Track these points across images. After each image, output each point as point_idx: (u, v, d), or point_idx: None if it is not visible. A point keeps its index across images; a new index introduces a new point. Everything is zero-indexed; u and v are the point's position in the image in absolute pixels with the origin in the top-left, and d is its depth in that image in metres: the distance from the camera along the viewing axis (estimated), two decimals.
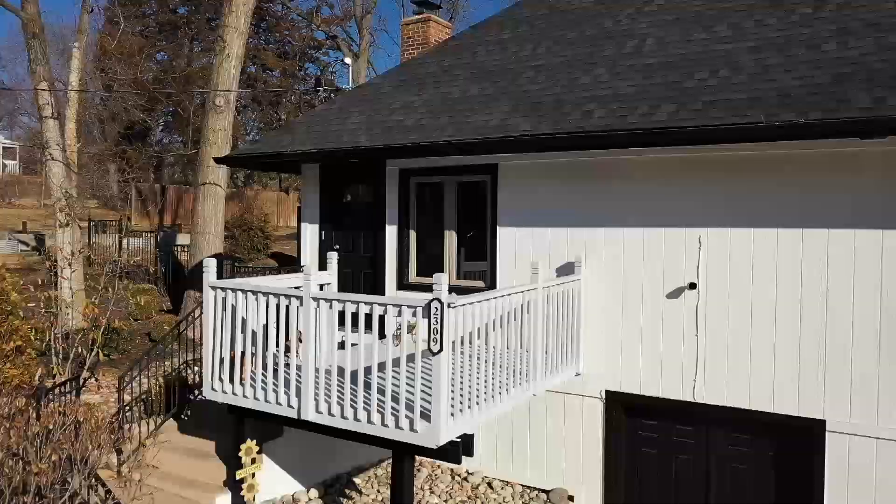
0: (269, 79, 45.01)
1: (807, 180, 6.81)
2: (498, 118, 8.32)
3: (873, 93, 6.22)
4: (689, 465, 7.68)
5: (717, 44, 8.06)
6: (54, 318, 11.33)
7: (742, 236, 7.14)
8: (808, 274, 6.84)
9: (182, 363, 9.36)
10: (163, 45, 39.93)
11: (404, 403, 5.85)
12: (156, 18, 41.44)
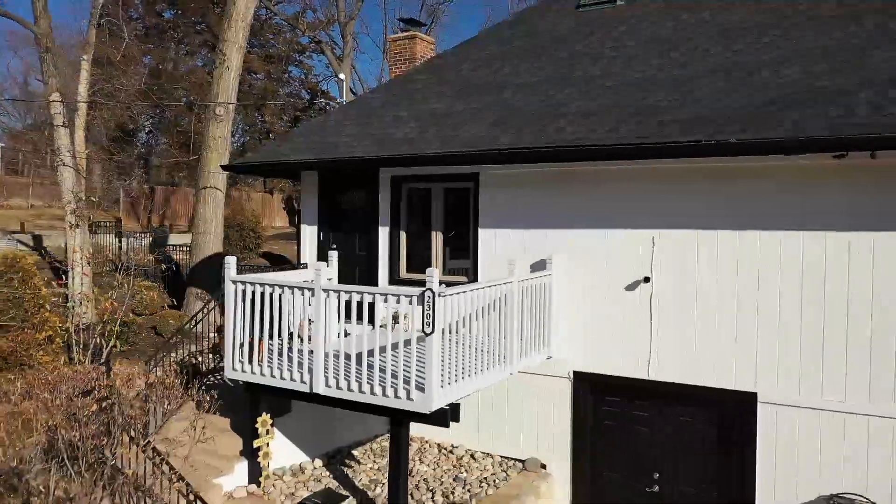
0: (253, 82, 45.74)
1: (745, 188, 7.99)
2: (481, 132, 9.44)
3: (795, 117, 7.41)
4: (646, 435, 8.85)
5: (672, 69, 9.24)
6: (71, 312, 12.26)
7: (689, 236, 8.32)
8: (743, 270, 8.03)
9: (196, 351, 10.39)
10: (149, 49, 40.54)
11: (402, 378, 6.95)
12: (143, 22, 42.07)
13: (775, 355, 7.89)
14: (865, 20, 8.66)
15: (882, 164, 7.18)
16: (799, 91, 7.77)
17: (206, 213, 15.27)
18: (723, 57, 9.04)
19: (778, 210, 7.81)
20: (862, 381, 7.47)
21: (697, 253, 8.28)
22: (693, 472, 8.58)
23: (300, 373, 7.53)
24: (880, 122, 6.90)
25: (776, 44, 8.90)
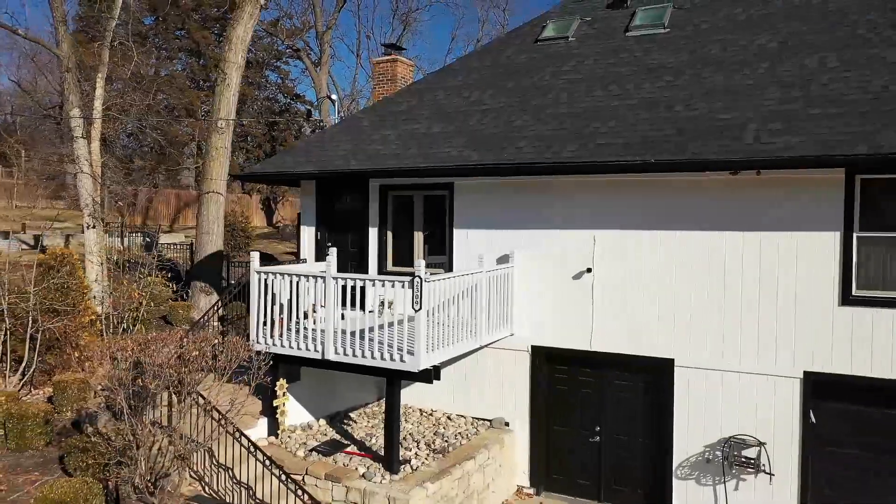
0: None
1: (663, 197, 10.13)
2: (454, 150, 11.48)
3: (699, 143, 9.57)
4: (588, 396, 10.98)
5: (609, 100, 11.37)
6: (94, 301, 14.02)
7: (621, 235, 10.44)
8: (663, 261, 10.17)
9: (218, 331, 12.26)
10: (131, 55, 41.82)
11: (396, 347, 8.97)
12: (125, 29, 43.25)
13: (688, 329, 10.06)
14: (759, 66, 10.86)
15: (765, 179, 9.37)
16: (703, 123, 9.94)
17: (208, 215, 17.08)
18: (648, 92, 11.18)
19: (689, 213, 9.97)
20: (751, 348, 9.66)
21: (628, 248, 10.42)
22: (626, 423, 10.73)
23: (314, 344, 9.50)
24: (761, 148, 9.09)
25: (689, 83, 11.07)
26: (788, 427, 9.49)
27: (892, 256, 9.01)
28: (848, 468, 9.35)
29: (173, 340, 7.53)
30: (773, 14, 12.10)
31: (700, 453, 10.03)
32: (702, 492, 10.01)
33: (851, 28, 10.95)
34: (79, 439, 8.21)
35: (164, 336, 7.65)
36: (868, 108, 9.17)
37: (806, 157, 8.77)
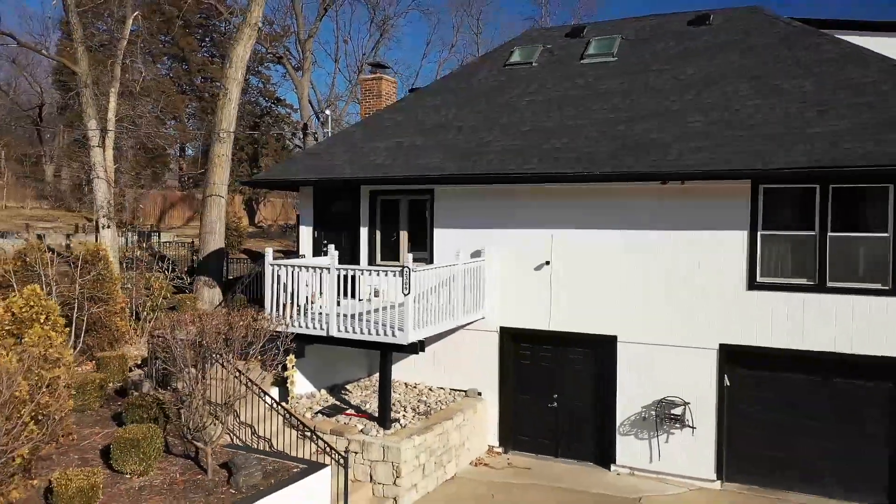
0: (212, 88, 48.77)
1: (609, 202, 12.26)
2: (434, 161, 13.52)
3: (636, 157, 11.71)
4: (547, 368, 13.09)
5: (565, 120, 13.49)
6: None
7: (575, 233, 12.55)
8: (607, 255, 12.30)
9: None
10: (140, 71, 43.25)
11: (388, 325, 10.99)
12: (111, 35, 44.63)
13: (628, 310, 12.20)
14: (687, 93, 13.06)
15: (688, 188, 11.54)
16: (639, 141, 12.10)
17: (211, 216, 18.92)
18: (596, 114, 13.32)
19: (629, 216, 12.12)
20: (678, 325, 11.83)
21: (580, 245, 12.54)
22: (579, 391, 12.86)
23: (320, 324, 11.49)
24: (684, 163, 11.26)
25: (630, 106, 13.23)
26: (708, 389, 11.69)
27: (786, 250, 11.23)
28: (754, 421, 11.57)
29: (217, 316, 9.46)
30: (702, 48, 14.32)
31: (638, 413, 12.20)
32: (640, 445, 12.18)
33: (762, 62, 13.19)
34: (134, 399, 10.10)
35: (210, 312, 9.59)
36: (769, 130, 11.39)
37: (718, 171, 10.98)
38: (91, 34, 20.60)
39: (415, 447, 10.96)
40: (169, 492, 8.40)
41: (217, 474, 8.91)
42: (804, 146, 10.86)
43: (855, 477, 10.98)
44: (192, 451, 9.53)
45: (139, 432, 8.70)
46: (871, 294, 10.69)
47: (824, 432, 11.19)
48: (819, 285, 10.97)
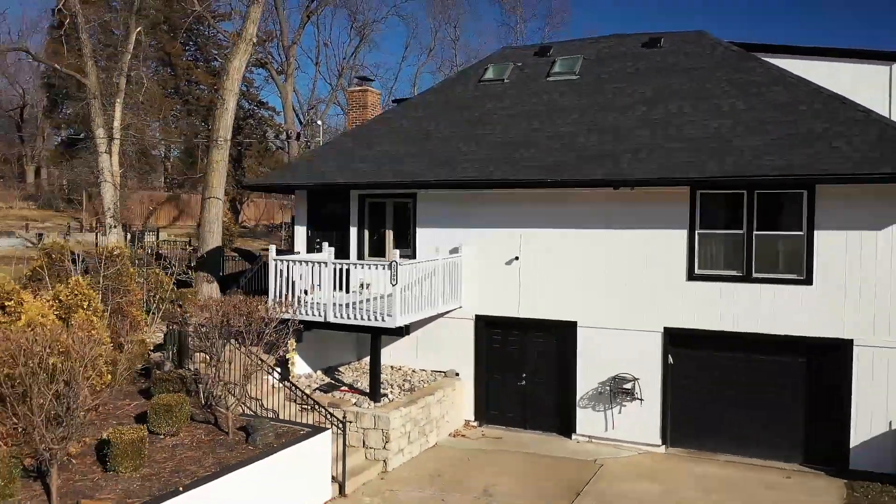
0: (199, 93, 50.09)
1: (569, 205, 14.07)
2: (417, 168, 15.24)
3: (592, 166, 13.53)
4: (516, 351, 14.88)
5: (531, 132, 15.29)
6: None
7: (540, 232, 14.34)
8: (568, 251, 14.11)
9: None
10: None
11: (379, 312, 12.71)
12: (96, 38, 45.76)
13: (586, 299, 14.03)
14: (638, 110, 14.92)
15: (637, 192, 13.37)
16: (595, 152, 13.93)
17: (209, 216, 20.45)
18: (559, 127, 15.14)
19: (587, 217, 13.93)
20: (629, 311, 13.67)
21: (544, 242, 14.34)
22: (544, 371, 14.66)
23: (318, 312, 13.17)
24: (632, 171, 13.10)
25: (588, 121, 15.07)
26: (654, 366, 13.55)
27: (720, 246, 13.12)
28: (693, 393, 13.46)
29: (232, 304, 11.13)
30: (652, 70, 16.20)
31: (595, 388, 14.03)
32: (596, 416, 14.01)
33: (703, 83, 15.10)
34: (160, 375, 11.71)
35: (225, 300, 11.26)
36: (705, 144, 13.28)
37: (662, 178, 12.84)
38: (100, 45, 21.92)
39: (401, 417, 12.69)
40: (198, 448, 10.06)
41: (236, 435, 10.57)
42: (734, 158, 12.75)
43: (776, 440, 12.90)
44: (212, 418, 11.18)
45: (170, 399, 10.34)
46: (788, 283, 12.61)
47: (751, 402, 13.10)
48: (746, 276, 12.87)
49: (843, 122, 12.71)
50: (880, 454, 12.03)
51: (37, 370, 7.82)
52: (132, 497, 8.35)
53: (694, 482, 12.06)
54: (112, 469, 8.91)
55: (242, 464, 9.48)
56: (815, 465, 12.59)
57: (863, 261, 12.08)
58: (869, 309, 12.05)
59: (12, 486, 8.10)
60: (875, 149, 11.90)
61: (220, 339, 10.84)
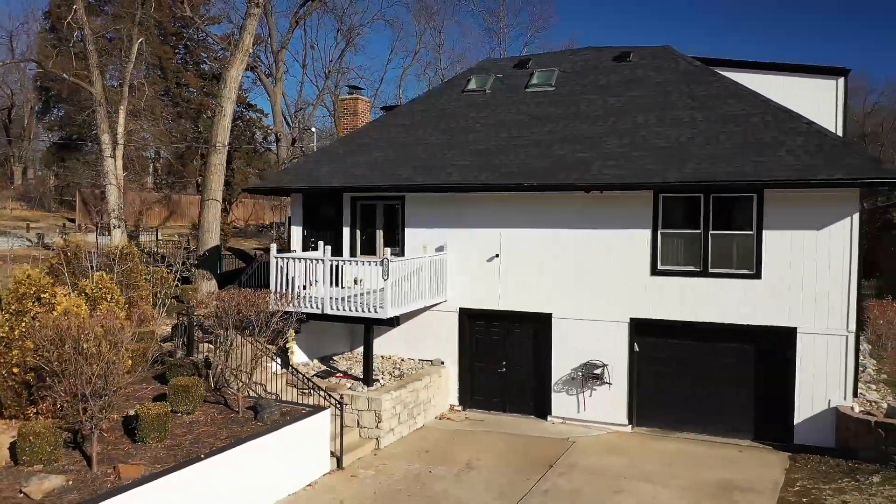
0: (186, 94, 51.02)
1: (544, 207, 15.41)
2: (405, 173, 16.53)
3: (566, 172, 14.89)
4: (497, 341, 16.21)
5: (511, 140, 16.63)
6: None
7: (519, 232, 15.67)
8: (544, 249, 15.46)
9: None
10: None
11: (371, 304, 13.99)
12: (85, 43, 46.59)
13: (561, 293, 15.38)
14: (608, 120, 16.31)
15: (606, 196, 14.73)
16: (568, 159, 15.29)
17: (208, 217, 21.63)
18: (536, 136, 16.49)
19: (561, 218, 15.28)
20: (599, 304, 15.04)
21: (522, 241, 15.67)
22: (522, 358, 16.00)
23: (315, 305, 14.43)
24: (602, 177, 14.47)
25: (562, 130, 16.44)
26: (621, 353, 14.92)
27: (680, 244, 14.51)
28: (656, 377, 14.85)
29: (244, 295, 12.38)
30: (622, 82, 17.61)
31: (568, 374, 15.38)
32: (569, 399, 15.37)
33: (666, 97, 16.50)
34: (174, 361, 12.94)
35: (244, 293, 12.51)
36: (667, 152, 14.67)
37: (628, 183, 14.21)
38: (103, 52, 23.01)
39: (392, 399, 13.98)
40: (212, 424, 11.30)
41: (245, 413, 11.82)
42: (692, 164, 14.15)
43: (731, 419, 14.31)
44: (222, 399, 12.42)
45: (187, 381, 11.57)
46: (741, 277, 14.02)
47: (709, 385, 14.50)
48: (703, 271, 14.28)
49: (788, 132, 14.15)
50: (821, 430, 13.48)
51: (81, 350, 9.04)
52: (160, 463, 9.59)
53: (656, 456, 13.44)
54: (140, 440, 10.13)
55: (254, 436, 10.74)
56: (765, 440, 14.02)
57: (805, 257, 13.52)
58: (810, 300, 13.50)
59: (56, 453, 9.31)
60: (816, 157, 13.34)
61: (232, 329, 12.06)
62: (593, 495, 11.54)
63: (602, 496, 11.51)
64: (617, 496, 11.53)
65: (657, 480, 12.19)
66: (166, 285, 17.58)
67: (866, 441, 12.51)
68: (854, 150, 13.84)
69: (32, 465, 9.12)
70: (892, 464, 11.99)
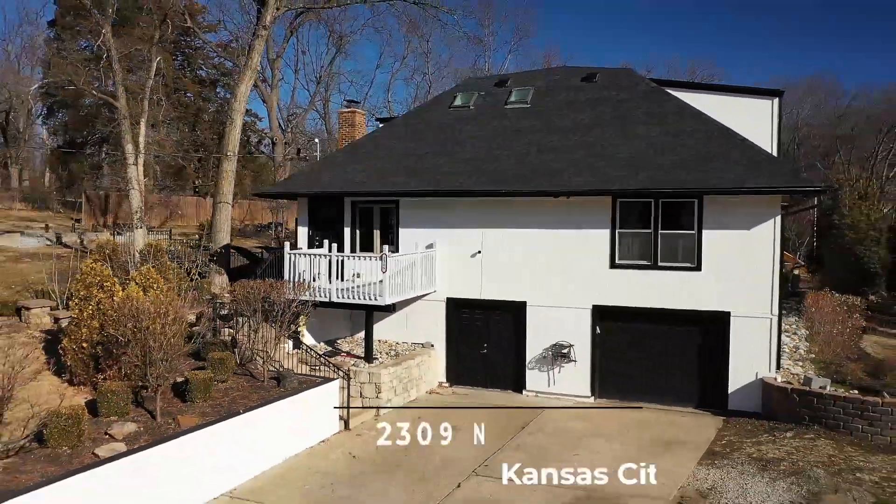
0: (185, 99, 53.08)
1: (522, 210, 17.88)
2: (400, 179, 18.96)
3: (541, 180, 17.37)
4: (480, 326, 18.69)
5: (493, 151, 19.10)
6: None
7: (499, 232, 18.13)
8: (521, 246, 17.92)
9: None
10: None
11: (372, 294, 16.42)
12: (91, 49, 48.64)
13: (533, 284, 17.86)
14: (576, 133, 18.82)
15: (573, 201, 17.24)
16: (542, 168, 17.79)
17: (220, 218, 23.95)
18: (515, 147, 18.98)
19: (535, 219, 17.75)
20: (567, 293, 17.52)
21: (502, 239, 18.15)
22: (502, 341, 18.47)
23: (322, 294, 16.84)
24: (570, 184, 16.97)
25: (538, 142, 18.93)
26: (585, 335, 17.43)
27: (634, 242, 17.03)
28: (615, 355, 17.37)
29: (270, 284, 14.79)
30: (589, 101, 20.14)
31: (540, 354, 17.87)
32: (541, 375, 17.87)
33: (626, 113, 19.05)
34: (208, 340, 15.33)
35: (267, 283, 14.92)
36: (626, 163, 17.20)
37: (592, 189, 16.74)
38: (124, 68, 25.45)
39: (389, 374, 16.42)
40: (243, 390, 13.70)
41: (269, 382, 14.23)
42: (646, 174, 16.68)
43: (678, 390, 16.84)
44: (248, 372, 14.80)
45: (221, 355, 13.97)
46: (685, 270, 16.55)
47: (660, 361, 17.04)
48: (654, 265, 16.81)
49: (725, 147, 16.72)
50: (750, 398, 16.04)
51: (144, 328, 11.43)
52: (208, 416, 11.98)
53: (612, 421, 15.96)
54: (189, 400, 12.52)
55: (279, 398, 13.17)
56: (706, 408, 16.56)
57: (737, 253, 16.07)
58: (741, 288, 16.06)
59: (127, 408, 11.69)
60: (747, 170, 15.90)
61: (260, 312, 14.47)
62: (556, 448, 14.04)
63: (563, 449, 14.02)
64: (575, 449, 14.04)
65: (610, 438, 14.71)
66: (187, 278, 19.87)
67: (785, 406, 15.10)
68: (778, 162, 16.42)
69: (109, 416, 11.47)
70: (803, 423, 14.59)
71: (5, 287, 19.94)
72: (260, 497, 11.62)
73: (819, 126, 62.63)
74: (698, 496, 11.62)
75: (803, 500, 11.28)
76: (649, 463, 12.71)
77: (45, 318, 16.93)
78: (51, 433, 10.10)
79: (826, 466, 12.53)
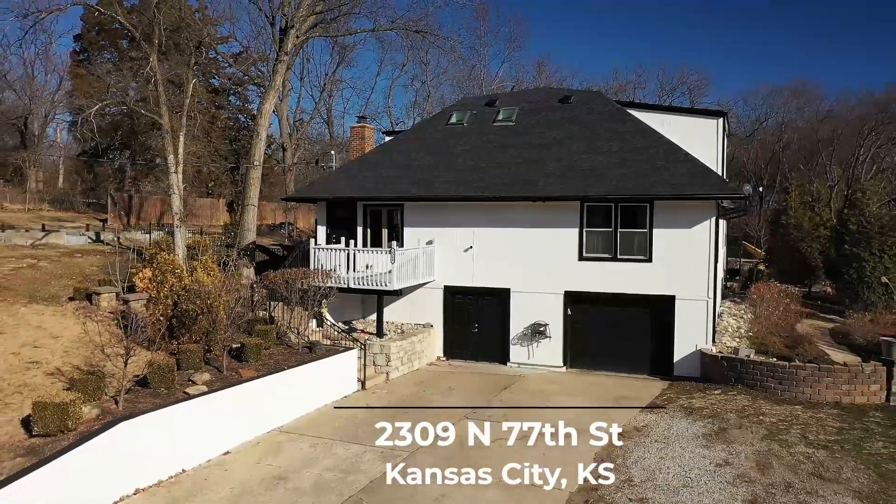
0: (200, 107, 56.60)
1: (507, 212, 21.51)
2: (404, 186, 22.60)
3: (520, 187, 21.00)
4: (472, 309, 22.33)
5: (482, 163, 22.74)
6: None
7: (488, 230, 21.77)
8: (507, 242, 21.56)
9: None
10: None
11: (382, 280, 20.07)
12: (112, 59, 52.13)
13: (516, 273, 21.50)
14: (551, 148, 22.44)
15: (548, 205, 20.88)
16: (522, 177, 21.44)
17: (247, 219, 27.54)
18: (501, 160, 22.61)
19: (518, 219, 21.40)
20: (543, 280, 21.17)
21: (490, 236, 21.78)
22: (490, 321, 22.12)
23: (342, 281, 20.48)
24: (545, 191, 20.63)
25: (520, 156, 22.57)
26: (558, 316, 21.09)
27: (598, 238, 20.68)
28: (583, 333, 21.04)
29: (303, 272, 18.42)
30: (564, 120, 23.78)
31: (522, 332, 21.52)
32: (522, 349, 21.52)
33: (594, 131, 22.70)
34: (251, 317, 18.97)
35: (301, 270, 18.56)
36: (591, 173, 20.86)
37: (563, 196, 20.40)
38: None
39: (397, 347, 20.07)
40: (283, 355, 17.34)
41: (303, 350, 17.87)
42: (607, 183, 20.34)
43: (634, 360, 20.49)
44: (283, 343, 18.44)
45: (266, 328, 17.60)
46: (639, 262, 20.21)
47: (619, 337, 20.69)
48: (614, 257, 20.47)
49: (672, 161, 20.39)
50: (691, 365, 19.71)
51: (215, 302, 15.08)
52: (261, 371, 15.62)
53: (579, 384, 19.63)
54: (245, 360, 16.13)
55: (313, 359, 16.83)
56: (656, 375, 20.21)
57: (681, 247, 19.73)
58: (683, 276, 19.72)
59: (200, 364, 15.32)
60: (689, 180, 19.56)
61: (294, 294, 18.13)
62: (531, 402, 17.71)
63: (537, 402, 17.69)
64: (546, 403, 17.70)
65: (575, 396, 18.38)
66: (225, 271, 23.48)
67: (717, 370, 18.78)
68: (712, 174, 20.07)
69: (188, 369, 15.09)
70: (730, 384, 18.26)
71: (70, 277, 23.54)
72: (303, 431, 15.27)
73: (803, 129, 65.72)
74: (634, 431, 15.30)
75: (713, 432, 14.97)
76: (604, 411, 16.40)
77: (112, 302, 20.50)
78: (152, 378, 13.72)
79: (738, 412, 16.22)
